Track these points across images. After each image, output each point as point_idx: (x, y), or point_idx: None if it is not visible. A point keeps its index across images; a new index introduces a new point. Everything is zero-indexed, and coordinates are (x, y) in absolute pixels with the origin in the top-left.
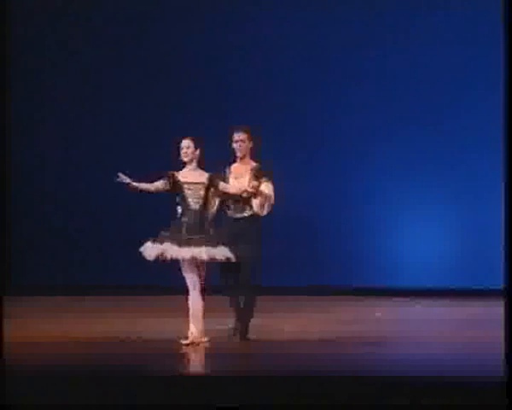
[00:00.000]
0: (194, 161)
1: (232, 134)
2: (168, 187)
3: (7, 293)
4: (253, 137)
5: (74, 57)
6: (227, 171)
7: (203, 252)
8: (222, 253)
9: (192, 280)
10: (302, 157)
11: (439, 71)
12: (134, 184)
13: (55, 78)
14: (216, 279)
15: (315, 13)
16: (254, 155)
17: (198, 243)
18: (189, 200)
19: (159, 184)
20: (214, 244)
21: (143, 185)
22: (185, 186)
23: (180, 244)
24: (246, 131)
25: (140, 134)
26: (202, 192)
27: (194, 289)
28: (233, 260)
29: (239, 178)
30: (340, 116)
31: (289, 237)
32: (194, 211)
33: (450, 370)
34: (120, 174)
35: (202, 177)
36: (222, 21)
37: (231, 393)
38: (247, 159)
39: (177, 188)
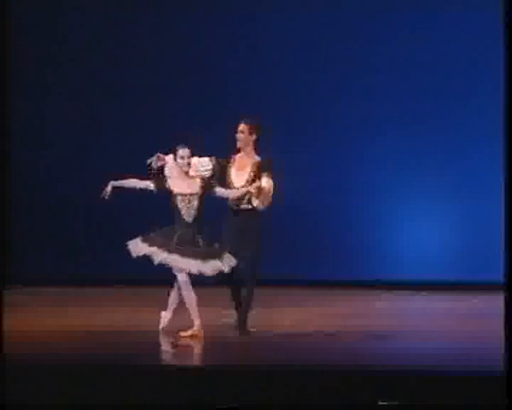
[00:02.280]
0: (190, 170)
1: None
2: (155, 188)
3: (7, 283)
4: (256, 129)
5: (75, 56)
6: (231, 160)
7: (193, 265)
8: (211, 267)
9: (182, 278)
10: (302, 149)
11: (439, 65)
12: (115, 182)
13: (54, 75)
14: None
15: (319, 5)
16: (258, 147)
17: (187, 255)
18: (182, 212)
19: (147, 184)
20: (203, 258)
21: (131, 181)
22: (178, 197)
23: (169, 253)
24: (247, 123)
25: (140, 130)
26: (196, 203)
27: (185, 285)
28: (224, 270)
29: (240, 171)
30: (340, 109)
31: (289, 230)
32: (187, 223)
33: (451, 363)
34: (105, 192)
35: (195, 185)
36: (224, 12)
37: (230, 385)
38: (250, 151)
39: (165, 192)
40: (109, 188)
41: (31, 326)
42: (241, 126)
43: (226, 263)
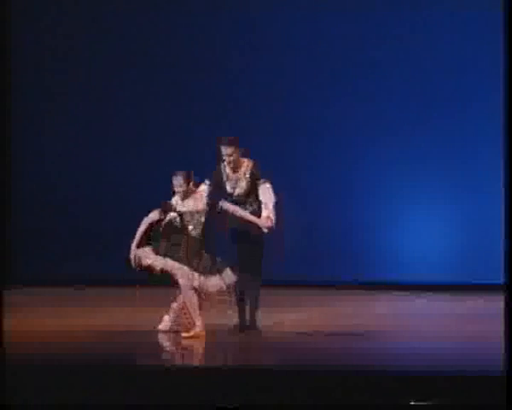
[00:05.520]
0: (189, 191)
1: (220, 148)
2: (162, 215)
3: (7, 283)
4: (237, 142)
5: (76, 56)
6: (224, 174)
7: (195, 278)
8: (211, 284)
9: (184, 279)
10: (303, 151)
11: (440, 66)
12: (134, 244)
13: (55, 72)
14: None
15: (317, 7)
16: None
17: (193, 267)
18: (189, 227)
19: (153, 217)
20: (206, 274)
21: (137, 234)
22: (184, 216)
23: (176, 260)
24: (232, 144)
25: (140, 129)
26: (202, 219)
27: (188, 284)
28: (223, 289)
29: (235, 187)
30: (341, 111)
31: (289, 231)
32: (193, 238)
33: (451, 363)
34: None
35: (200, 202)
36: (223, 14)
37: (230, 385)
38: (239, 163)
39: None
40: (134, 255)
41: (31, 326)
42: (228, 150)
43: (226, 279)
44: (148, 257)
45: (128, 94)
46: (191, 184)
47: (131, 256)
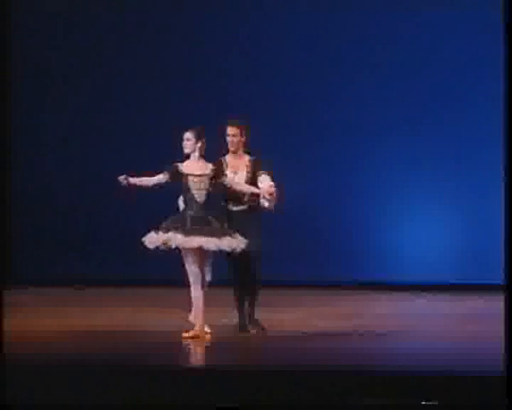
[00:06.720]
0: (196, 152)
1: (226, 127)
2: (168, 177)
3: (7, 283)
4: (246, 129)
5: (74, 53)
6: (224, 164)
7: (210, 242)
8: (228, 244)
9: (194, 273)
10: (303, 150)
11: (440, 66)
12: (132, 179)
13: (54, 73)
14: (220, 272)
15: (318, 5)
16: (247, 145)
17: (204, 234)
18: (194, 192)
19: (159, 177)
20: (220, 235)
21: (143, 180)
22: (190, 178)
23: (185, 234)
24: (238, 126)
25: (139, 128)
26: (207, 184)
27: (196, 282)
28: (238, 249)
29: (236, 173)
30: (340, 110)
31: (289, 231)
32: (199, 204)
33: (450, 364)
34: (120, 177)
35: (206, 168)
36: (221, 12)
37: (230, 385)
38: (241, 152)
39: (178, 179)
40: (125, 181)
41: (31, 326)
42: (233, 130)
43: (239, 242)
44: (159, 239)
45: (127, 96)
46: (200, 143)
47: (121, 177)
